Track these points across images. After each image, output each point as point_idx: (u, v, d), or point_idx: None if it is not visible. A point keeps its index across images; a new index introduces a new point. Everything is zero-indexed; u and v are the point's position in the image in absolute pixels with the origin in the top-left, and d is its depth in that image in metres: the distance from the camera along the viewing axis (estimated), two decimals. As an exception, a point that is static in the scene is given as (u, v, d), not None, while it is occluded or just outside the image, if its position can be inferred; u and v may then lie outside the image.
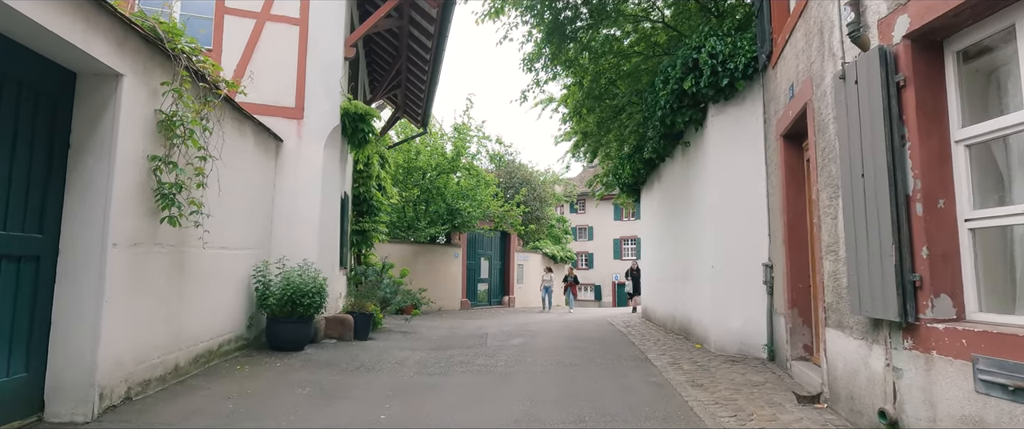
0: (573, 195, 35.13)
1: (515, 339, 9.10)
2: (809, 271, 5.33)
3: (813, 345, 5.26)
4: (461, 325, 12.44)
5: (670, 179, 10.08)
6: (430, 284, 17.54)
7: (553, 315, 16.65)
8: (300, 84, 8.31)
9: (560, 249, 26.01)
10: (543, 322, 12.83)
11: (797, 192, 5.44)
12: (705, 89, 6.90)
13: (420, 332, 10.75)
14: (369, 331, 8.85)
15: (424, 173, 17.40)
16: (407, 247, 17.31)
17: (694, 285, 8.07)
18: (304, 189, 8.10)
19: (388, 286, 10.56)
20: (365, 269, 10.62)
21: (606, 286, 40.50)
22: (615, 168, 14.23)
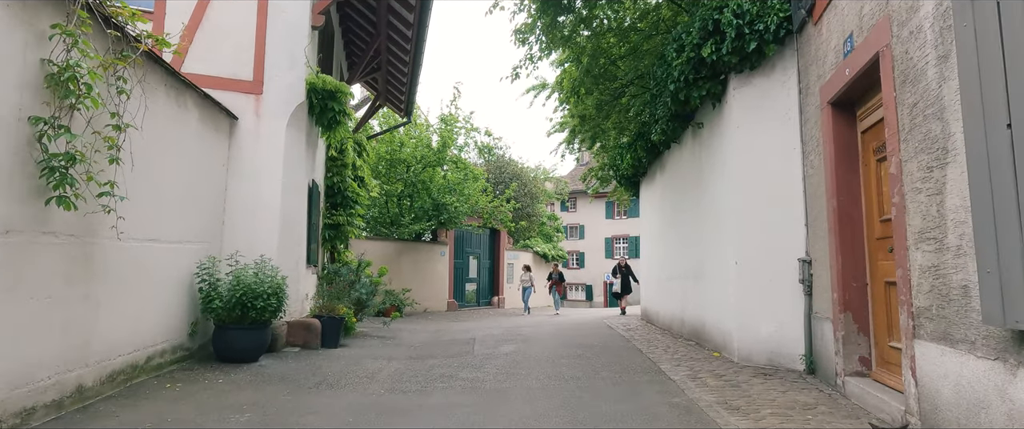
0: (564, 193, 34.19)
1: (506, 346, 8.08)
2: (864, 266, 4.37)
3: (871, 357, 4.29)
4: (446, 328, 11.40)
5: (676, 168, 9.12)
6: (415, 284, 16.49)
7: (542, 317, 15.66)
8: (259, 54, 7.24)
9: (551, 247, 25.05)
10: (535, 325, 11.82)
11: (849, 170, 4.48)
12: (727, 56, 5.93)
13: (400, 337, 9.70)
14: (340, 337, 7.79)
15: (408, 166, 16.34)
16: (390, 244, 16.24)
17: (709, 285, 7.10)
18: (264, 174, 7.02)
19: (364, 286, 9.51)
20: (338, 268, 9.57)
21: (597, 286, 39.57)
22: (613, 159, 13.27)
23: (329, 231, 9.56)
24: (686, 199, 8.52)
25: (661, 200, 10.64)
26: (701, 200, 7.58)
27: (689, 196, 8.29)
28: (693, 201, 8.04)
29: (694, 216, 7.97)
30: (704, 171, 7.44)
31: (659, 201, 10.83)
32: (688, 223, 8.38)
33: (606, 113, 10.02)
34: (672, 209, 9.60)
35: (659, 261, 10.69)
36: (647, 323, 11.59)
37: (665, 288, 10.01)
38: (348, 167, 10.03)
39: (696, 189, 7.85)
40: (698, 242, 7.74)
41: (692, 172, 8.08)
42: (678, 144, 8.95)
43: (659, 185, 10.75)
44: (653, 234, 11.57)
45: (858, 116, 4.47)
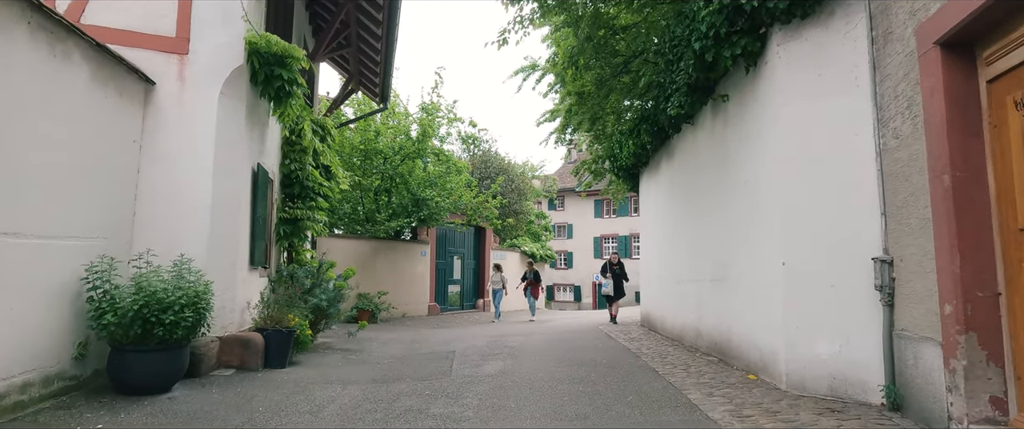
0: (553, 191, 32.92)
1: (491, 363, 6.76)
2: (995, 270, 3.12)
3: (1008, 398, 3.04)
4: (424, 338, 10.04)
5: (689, 154, 7.87)
6: (392, 286, 15.11)
7: (520, 325, 14.36)
8: (184, 5, 5.83)
9: (540, 247, 23.74)
10: (523, 334, 10.50)
11: (969, 135, 3.23)
12: (773, 2, 4.67)
13: (368, 350, 8.33)
14: (289, 354, 6.41)
15: (385, 158, 14.93)
16: (364, 243, 14.82)
17: (738, 290, 5.84)
18: (189, 154, 5.64)
19: (327, 291, 8.12)
20: (295, 270, 8.17)
21: (586, 287, 38.45)
22: (610, 149, 12.00)
23: (285, 227, 8.17)
24: (703, 190, 7.26)
25: (668, 193, 9.38)
26: (725, 189, 6.32)
27: (707, 186, 7.03)
28: (713, 192, 6.78)
29: (714, 209, 6.71)
30: (730, 154, 6.18)
31: (665, 194, 9.57)
32: (705, 218, 7.12)
33: (606, 91, 8.72)
34: (683, 202, 8.34)
35: (665, 261, 9.43)
36: (649, 331, 10.33)
37: (673, 292, 8.75)
38: (308, 152, 8.63)
39: (718, 177, 6.59)
40: (720, 240, 6.47)
41: (712, 157, 6.82)
42: (692, 125, 7.70)
43: (665, 176, 9.49)
44: (657, 231, 10.31)
45: (983, 59, 3.22)
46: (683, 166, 8.34)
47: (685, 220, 8.23)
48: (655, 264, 10.31)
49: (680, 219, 8.58)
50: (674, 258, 8.84)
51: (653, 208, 10.75)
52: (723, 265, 6.36)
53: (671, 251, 9.07)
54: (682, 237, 8.38)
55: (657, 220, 10.32)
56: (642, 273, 12.50)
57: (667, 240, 9.41)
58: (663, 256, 9.63)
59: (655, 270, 10.31)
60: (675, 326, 8.59)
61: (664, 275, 9.49)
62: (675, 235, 8.85)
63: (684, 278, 8.11)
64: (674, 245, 8.89)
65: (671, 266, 9.02)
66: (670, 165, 9.10)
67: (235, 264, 6.00)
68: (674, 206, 8.99)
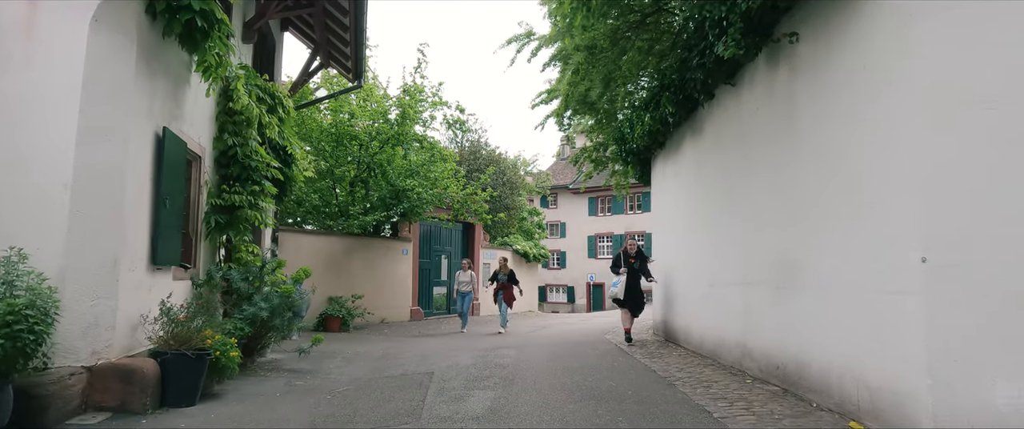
0: (546, 187, 31.25)
1: (478, 393, 5.08)
2: None
3: None
4: (398, 352, 8.34)
5: (729, 121, 6.25)
6: (369, 289, 13.38)
7: (525, 335, 12.70)
8: None
9: (533, 246, 22.05)
10: (519, 346, 8.82)
11: None
12: None
13: (324, 370, 6.62)
14: (200, 385, 4.69)
15: (361, 144, 13.19)
16: (336, 240, 13.08)
17: (825, 297, 4.20)
18: (40, 106, 3.92)
19: (270, 297, 6.40)
20: (229, 271, 6.44)
21: (580, 288, 36.93)
22: (619, 130, 10.38)
23: (218, 216, 6.44)
24: (750, 168, 5.63)
25: (693, 177, 7.75)
26: (792, 163, 4.69)
27: (759, 161, 5.40)
28: (769, 168, 5.16)
29: (773, 190, 5.08)
30: (800, 114, 4.56)
31: (689, 178, 7.94)
32: (756, 203, 5.49)
33: (621, 49, 7.05)
34: (717, 186, 6.71)
35: (691, 259, 7.79)
36: (667, 342, 8.70)
37: (704, 297, 7.11)
38: (252, 125, 6.90)
39: (777, 147, 4.96)
40: (784, 230, 4.84)
41: (767, 122, 5.20)
42: (733, 86, 6.07)
43: (689, 156, 7.86)
44: (677, 224, 8.66)
45: None
46: (718, 141, 6.71)
47: (722, 208, 6.59)
48: (676, 263, 8.66)
49: (712, 208, 6.95)
50: (704, 255, 7.20)
51: (671, 197, 9.12)
52: (790, 264, 4.72)
53: (699, 247, 7.43)
54: (717, 229, 6.74)
55: (677, 211, 8.69)
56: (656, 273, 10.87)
57: (692, 234, 7.77)
58: (687, 253, 7.99)
59: (676, 270, 8.66)
60: (707, 339, 6.95)
61: (689, 276, 7.85)
62: (705, 227, 7.22)
63: (721, 280, 6.47)
64: (704, 239, 7.25)
65: (700, 265, 7.39)
66: (697, 142, 7.47)
67: (119, 263, 4.27)
68: (703, 192, 7.36)
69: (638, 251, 8.95)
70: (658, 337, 9.39)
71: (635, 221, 34.47)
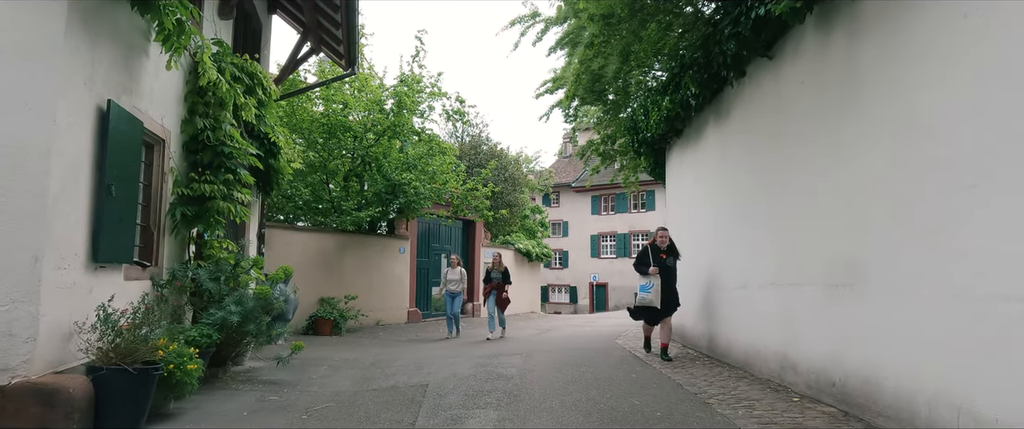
0: (548, 185, 30.45)
1: (478, 413, 4.33)
2: None
3: None
4: (391, 359, 7.58)
5: (764, 99, 5.50)
6: (364, 289, 12.64)
7: (528, 340, 11.96)
8: None
9: (535, 244, 21.27)
10: (524, 353, 8.07)
11: None
12: None
13: (305, 382, 5.87)
14: (147, 405, 3.94)
15: (355, 136, 12.42)
16: (328, 238, 12.32)
17: (904, 302, 3.43)
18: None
19: (242, 300, 5.64)
20: (197, 270, 5.68)
21: (582, 288, 36.19)
22: (632, 118, 9.64)
23: (186, 208, 5.69)
24: (800, 147, 4.87)
25: (717, 165, 6.99)
26: (859, 138, 3.93)
27: (811, 139, 4.64)
28: (828, 144, 4.39)
29: (830, 172, 4.31)
30: (866, 81, 3.80)
31: (712, 167, 7.19)
32: (802, 189, 4.73)
33: (641, 19, 6.28)
34: (751, 173, 5.95)
35: (715, 258, 7.02)
36: (685, 348, 7.94)
37: (732, 300, 6.36)
38: (226, 106, 6.15)
39: (840, 119, 4.20)
40: (842, 218, 4.09)
41: (825, 92, 4.44)
42: (770, 59, 5.32)
43: (713, 142, 7.11)
44: (697, 218, 7.90)
45: None
46: (748, 124, 5.95)
47: (753, 200, 5.83)
48: (695, 262, 7.89)
49: (741, 200, 6.19)
50: (731, 253, 6.44)
51: (688, 191, 8.37)
52: (850, 261, 3.96)
53: (724, 244, 6.67)
54: (746, 224, 5.98)
55: (696, 205, 7.93)
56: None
57: (716, 230, 7.01)
58: (710, 251, 7.22)
59: (696, 270, 7.89)
60: (736, 347, 6.19)
61: (712, 276, 7.09)
62: (732, 222, 6.46)
63: (754, 281, 5.71)
64: (730, 236, 6.49)
65: (726, 264, 6.63)
66: (722, 127, 6.71)
67: (42, 260, 3.51)
68: (729, 182, 6.60)
69: (670, 245, 6.97)
70: (675, 343, 8.62)
71: (639, 220, 33.73)
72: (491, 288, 10.44)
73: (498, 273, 10.46)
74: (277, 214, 13.01)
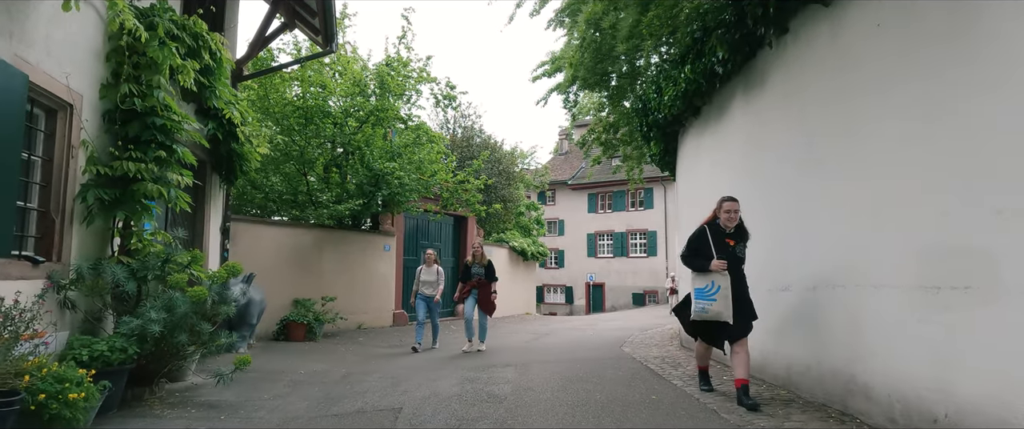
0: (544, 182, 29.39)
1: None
2: None
3: None
4: (363, 373, 6.49)
5: (826, 55, 4.46)
6: (344, 290, 11.55)
7: (530, 340, 10.90)
8: None
9: (531, 243, 20.21)
10: (519, 363, 7.01)
11: None
12: None
13: (253, 404, 4.78)
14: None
15: (335, 122, 11.32)
16: (304, 233, 11.22)
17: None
18: None
19: (173, 303, 4.55)
20: (114, 268, 4.60)
21: (578, 288, 35.25)
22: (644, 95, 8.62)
23: (103, 191, 4.61)
24: (875, 112, 3.83)
25: (747, 146, 5.95)
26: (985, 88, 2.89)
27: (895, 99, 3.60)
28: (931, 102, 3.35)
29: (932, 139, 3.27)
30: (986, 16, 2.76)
31: (741, 148, 6.14)
32: (880, 166, 3.69)
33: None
34: (796, 152, 4.90)
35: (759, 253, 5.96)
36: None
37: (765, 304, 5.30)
38: (161, 71, 5.07)
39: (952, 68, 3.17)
40: (954, 199, 3.05)
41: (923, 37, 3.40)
42: (827, 5, 4.28)
43: (739, 120, 6.06)
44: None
45: None
46: (790, 93, 4.92)
47: (798, 185, 4.79)
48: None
49: (780, 185, 5.14)
50: (765, 249, 5.39)
51: (705, 178, 7.32)
52: (970, 255, 2.92)
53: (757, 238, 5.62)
54: (789, 213, 4.94)
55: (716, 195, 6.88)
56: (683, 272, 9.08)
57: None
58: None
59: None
60: (773, 361, 5.14)
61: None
62: (768, 212, 5.41)
63: (802, 282, 4.67)
64: (765, 227, 5.44)
65: (758, 262, 5.57)
66: (754, 100, 5.66)
67: None
68: (761, 166, 5.56)
69: (739, 226, 4.71)
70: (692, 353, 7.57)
71: (637, 218, 32.83)
72: (470, 287, 8.29)
73: (480, 268, 8.32)
74: (251, 207, 11.90)
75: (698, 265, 4.63)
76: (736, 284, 4.56)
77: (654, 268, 31.40)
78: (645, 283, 32.00)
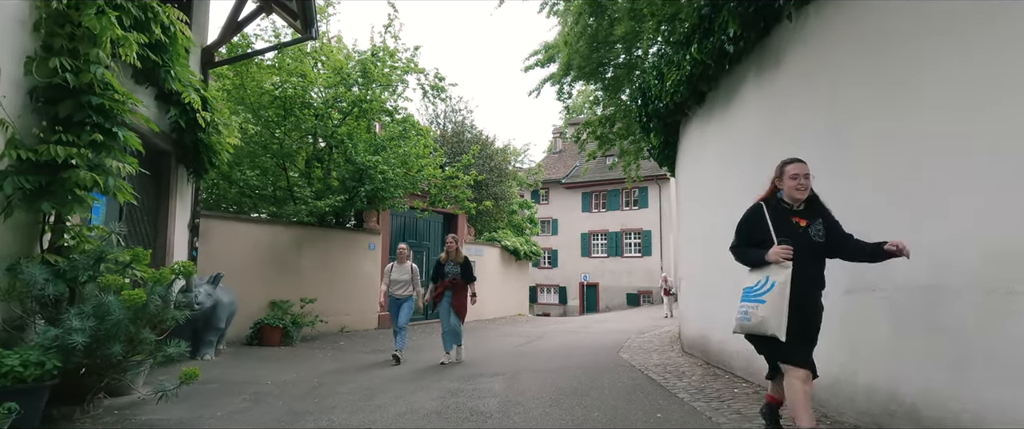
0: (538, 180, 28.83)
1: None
2: None
3: None
4: (335, 384, 5.87)
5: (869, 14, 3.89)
6: (325, 291, 10.94)
7: (521, 345, 10.34)
8: None
9: (524, 242, 19.63)
10: (509, 373, 6.42)
11: None
12: None
13: (197, 424, 4.15)
14: None
15: (317, 114, 10.68)
16: (282, 231, 10.58)
17: None
18: None
19: (104, 309, 3.92)
20: (29, 266, 3.97)
21: (572, 288, 34.72)
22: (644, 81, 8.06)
23: (25, 178, 3.98)
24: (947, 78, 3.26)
25: (761, 131, 5.38)
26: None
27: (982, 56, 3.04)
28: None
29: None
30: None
31: (754, 135, 5.57)
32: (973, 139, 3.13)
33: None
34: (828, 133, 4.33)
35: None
36: (709, 366, 6.34)
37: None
38: (100, 44, 4.44)
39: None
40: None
41: None
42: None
43: (754, 104, 5.50)
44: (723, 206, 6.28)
45: None
46: (815, 71, 4.35)
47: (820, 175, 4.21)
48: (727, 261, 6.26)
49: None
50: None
51: (711, 169, 6.76)
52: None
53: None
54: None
55: (725, 189, 6.32)
56: (685, 272, 8.52)
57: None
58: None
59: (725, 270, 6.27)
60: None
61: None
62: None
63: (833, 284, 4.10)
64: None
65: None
66: (768, 80, 5.10)
67: None
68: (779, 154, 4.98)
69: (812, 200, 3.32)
70: (695, 359, 7.01)
71: (632, 218, 32.34)
72: (444, 288, 7.08)
73: (454, 266, 7.14)
74: (226, 203, 11.25)
75: (752, 258, 3.23)
76: (802, 283, 3.04)
77: (649, 268, 30.90)
78: (640, 283, 31.50)
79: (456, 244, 7.36)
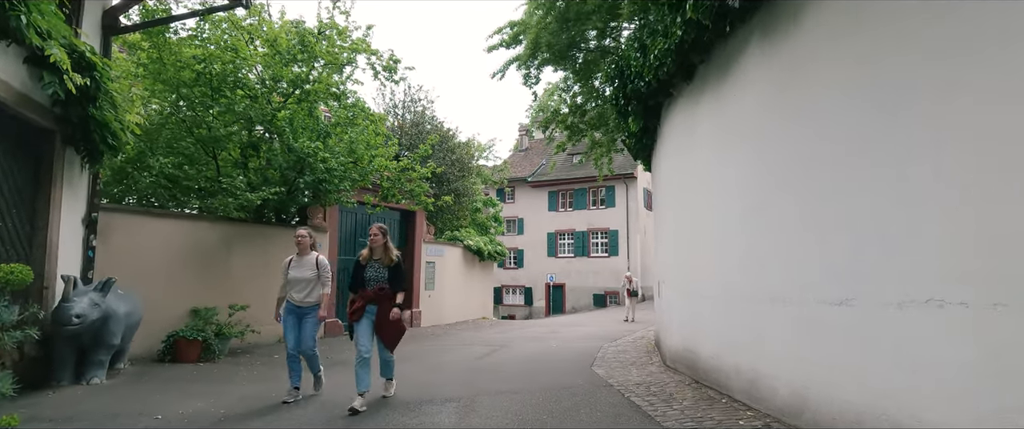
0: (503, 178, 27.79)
1: None
2: None
3: None
4: (242, 421, 4.68)
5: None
6: (259, 296, 9.60)
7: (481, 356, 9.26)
8: None
9: (488, 241, 18.56)
10: (464, 398, 5.33)
11: None
12: None
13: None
14: None
15: (252, 95, 9.37)
16: (206, 228, 9.23)
17: None
18: None
19: None
20: None
21: (538, 289, 33.89)
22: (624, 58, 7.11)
23: None
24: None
25: (768, 109, 4.46)
26: None
27: None
28: None
29: None
30: None
31: (759, 115, 4.65)
32: None
33: None
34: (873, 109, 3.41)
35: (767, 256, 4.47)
36: (697, 383, 5.40)
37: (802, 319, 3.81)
38: None
39: None
40: None
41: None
42: None
43: (759, 78, 4.57)
44: (715, 202, 5.35)
45: None
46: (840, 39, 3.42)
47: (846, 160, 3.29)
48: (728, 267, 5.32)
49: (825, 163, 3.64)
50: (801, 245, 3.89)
51: (702, 157, 5.83)
52: None
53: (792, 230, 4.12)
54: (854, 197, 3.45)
55: (718, 178, 5.39)
56: (664, 275, 7.59)
57: (762, 210, 4.46)
58: (740, 243, 4.67)
59: (717, 272, 5.33)
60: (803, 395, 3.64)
61: (757, 284, 4.53)
62: (802, 198, 3.92)
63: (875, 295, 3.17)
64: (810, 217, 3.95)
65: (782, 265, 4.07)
66: (775, 50, 4.17)
67: None
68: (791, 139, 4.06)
69: None
70: (681, 377, 6.07)
71: (599, 217, 31.67)
72: (365, 301, 4.94)
73: (381, 269, 5.02)
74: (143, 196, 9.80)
75: None
76: None
77: (616, 268, 30.24)
78: (606, 283, 30.84)
79: (384, 237, 5.06)
